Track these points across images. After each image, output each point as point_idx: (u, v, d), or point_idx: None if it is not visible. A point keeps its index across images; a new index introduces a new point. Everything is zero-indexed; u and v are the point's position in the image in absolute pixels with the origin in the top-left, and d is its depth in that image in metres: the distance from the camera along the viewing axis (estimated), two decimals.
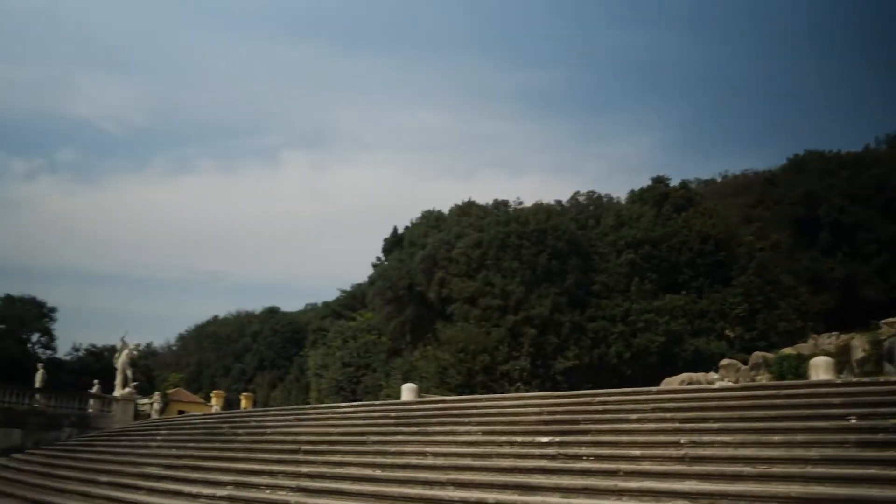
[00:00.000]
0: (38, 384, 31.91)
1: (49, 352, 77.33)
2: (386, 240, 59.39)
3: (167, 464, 12.72)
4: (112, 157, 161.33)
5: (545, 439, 9.48)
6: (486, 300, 37.81)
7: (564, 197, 51.81)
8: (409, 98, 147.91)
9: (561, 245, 38.58)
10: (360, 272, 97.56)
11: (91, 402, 29.01)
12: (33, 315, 77.94)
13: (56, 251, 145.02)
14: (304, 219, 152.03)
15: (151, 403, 38.90)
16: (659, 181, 49.82)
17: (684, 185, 52.41)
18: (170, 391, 59.52)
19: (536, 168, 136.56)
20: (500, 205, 49.85)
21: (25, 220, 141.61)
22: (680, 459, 8.63)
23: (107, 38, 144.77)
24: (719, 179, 76.87)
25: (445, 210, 53.58)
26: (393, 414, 13.32)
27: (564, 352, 34.84)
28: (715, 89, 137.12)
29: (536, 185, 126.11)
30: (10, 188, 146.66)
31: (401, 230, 58.10)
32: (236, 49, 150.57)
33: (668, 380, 24.74)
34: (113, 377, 32.26)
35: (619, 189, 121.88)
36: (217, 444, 13.67)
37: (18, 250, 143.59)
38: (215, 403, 42.96)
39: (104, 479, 12.37)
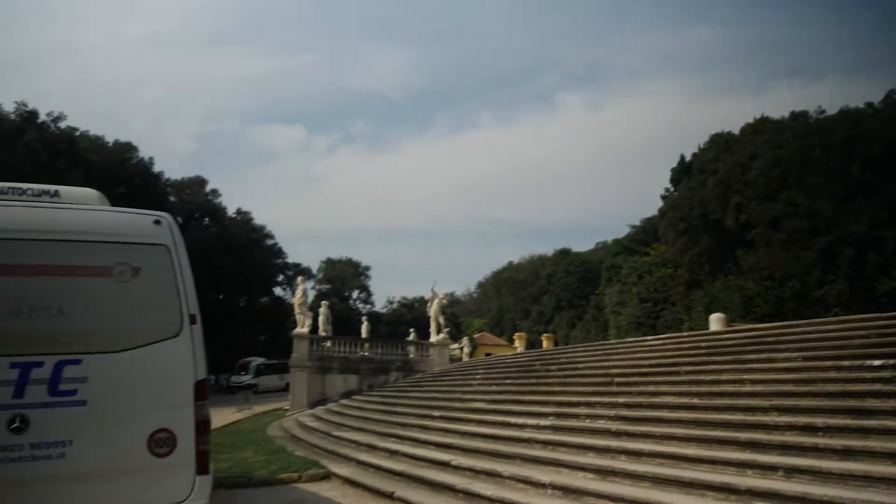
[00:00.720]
0: (364, 335, 35.77)
1: (368, 306, 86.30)
2: (673, 170, 57.31)
3: (490, 399, 13.72)
4: (398, 122, 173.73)
5: (877, 362, 8.73)
6: (791, 222, 35.12)
7: (876, 97, 45.86)
8: (680, 15, 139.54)
9: (875, 152, 34.41)
10: (649, 206, 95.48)
11: (411, 348, 31.92)
12: (351, 274, 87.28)
13: (362, 215, 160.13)
14: (586, 159, 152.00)
15: (461, 348, 41.70)
16: None
17: None
18: (476, 336, 63.49)
19: (836, 70, 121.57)
20: (798, 116, 45.63)
21: (332, 190, 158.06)
22: None
23: (380, 11, 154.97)
24: None
25: (735, 130, 50.44)
26: (703, 344, 13.04)
27: (889, 271, 31.34)
28: None
29: (839, 90, 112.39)
30: (316, 163, 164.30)
31: (688, 158, 55.68)
32: None
33: None
34: (423, 326, 35.09)
35: None
36: (532, 380, 14.41)
37: (331, 218, 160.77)
38: (518, 345, 44.96)
39: (437, 413, 13.67)
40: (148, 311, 5.55)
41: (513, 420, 11.02)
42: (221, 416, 24.74)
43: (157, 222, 5.79)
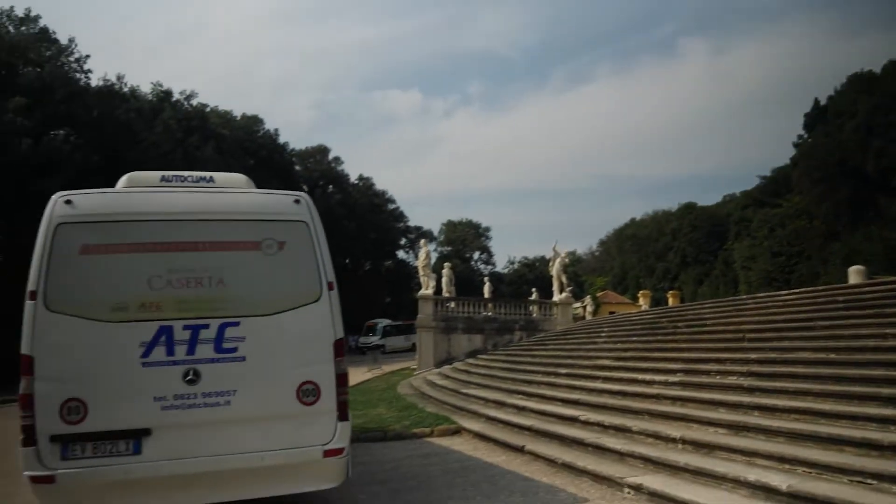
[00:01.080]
0: (486, 295, 36.17)
1: (489, 266, 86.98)
2: (807, 115, 54.17)
3: (615, 356, 13.69)
4: (515, 81, 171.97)
5: None
6: None
7: None
8: None
9: None
10: (780, 155, 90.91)
11: (534, 308, 32.04)
12: (472, 236, 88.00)
13: (480, 176, 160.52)
14: (710, 108, 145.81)
15: (584, 306, 41.44)
16: None
17: None
18: (598, 294, 62.88)
19: None
20: None
21: (450, 153, 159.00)
22: None
23: None
24: None
25: (877, 69, 47.02)
26: (841, 298, 12.48)
27: None
28: None
29: None
30: (433, 127, 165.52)
31: (823, 101, 52.47)
32: None
33: None
34: (544, 286, 35.05)
35: None
36: (659, 337, 14.26)
37: (449, 180, 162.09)
38: (643, 303, 44.21)
39: (563, 371, 13.80)
40: (292, 279, 6.35)
41: (640, 377, 11.00)
42: (353, 376, 25.62)
43: (297, 201, 6.59)
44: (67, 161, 37.16)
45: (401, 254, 78.33)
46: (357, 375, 26.09)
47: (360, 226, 65.28)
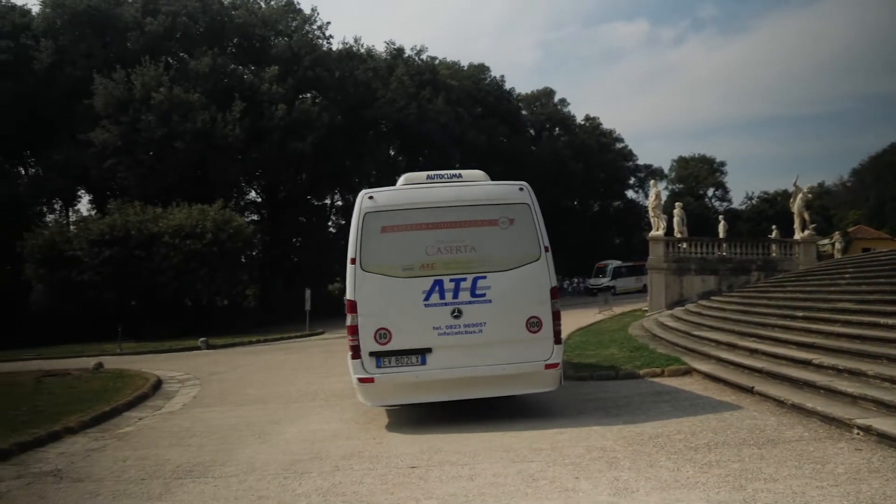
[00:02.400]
0: (721, 235, 35.05)
1: (724, 203, 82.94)
2: None
3: (858, 299, 13.14)
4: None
5: None
6: None
7: None
8: None
9: None
10: None
11: (773, 247, 30.65)
12: (705, 171, 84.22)
13: (714, 105, 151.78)
14: None
15: (832, 243, 38.70)
16: None
17: None
18: (850, 229, 58.02)
19: None
20: None
21: (681, 83, 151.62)
22: None
23: None
24: None
25: None
26: None
27: None
28: None
29: None
30: (662, 56, 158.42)
31: None
32: None
33: None
34: (786, 222, 33.22)
35: None
36: None
37: (681, 112, 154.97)
38: None
39: (799, 314, 13.52)
40: (520, 245, 9.11)
41: (883, 321, 10.62)
42: (583, 317, 26.59)
43: (521, 189, 9.36)
44: (316, 122, 40.88)
45: (630, 193, 77.11)
46: (588, 317, 26.84)
47: (587, 167, 65.05)
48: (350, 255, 8.94)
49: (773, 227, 42.83)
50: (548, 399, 10.11)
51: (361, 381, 8.81)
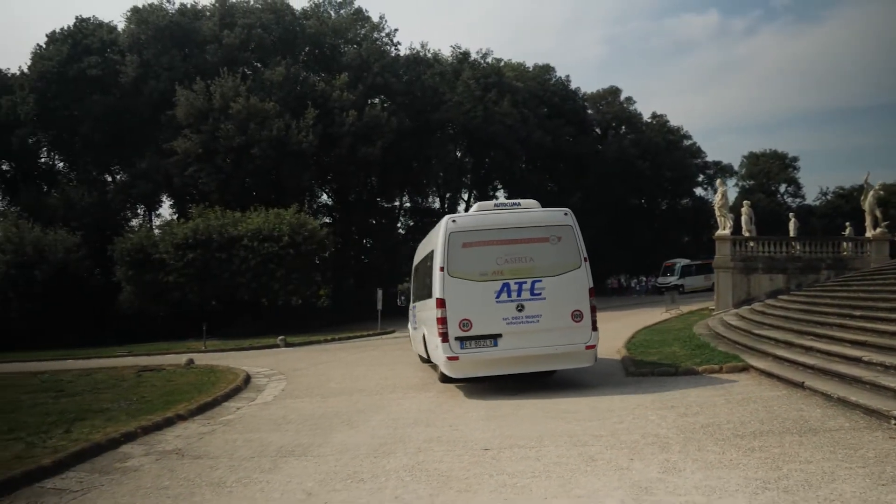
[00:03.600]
0: (791, 233, 34.81)
1: (797, 200, 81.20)
2: None
3: None
4: None
5: None
6: None
7: None
8: None
9: None
10: None
11: (844, 245, 30.43)
12: (777, 167, 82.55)
13: (789, 97, 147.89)
14: None
15: None
16: None
17: None
18: None
19: None
20: None
21: (754, 75, 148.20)
22: None
23: None
24: None
25: None
26: None
27: None
28: None
29: None
30: (733, 48, 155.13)
31: None
32: None
33: None
34: (861, 218, 32.83)
35: None
36: None
37: (753, 104, 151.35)
38: None
39: (857, 313, 13.88)
40: (565, 257, 11.88)
41: None
42: (649, 317, 27.06)
43: (566, 214, 12.26)
44: (385, 127, 42.17)
45: (699, 191, 76.14)
46: (654, 316, 27.29)
47: (654, 165, 64.70)
48: (439, 264, 11.78)
49: (847, 224, 42.09)
50: (610, 393, 11.07)
51: (449, 358, 11.52)
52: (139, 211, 48.83)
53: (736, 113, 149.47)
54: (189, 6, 46.89)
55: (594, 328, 11.67)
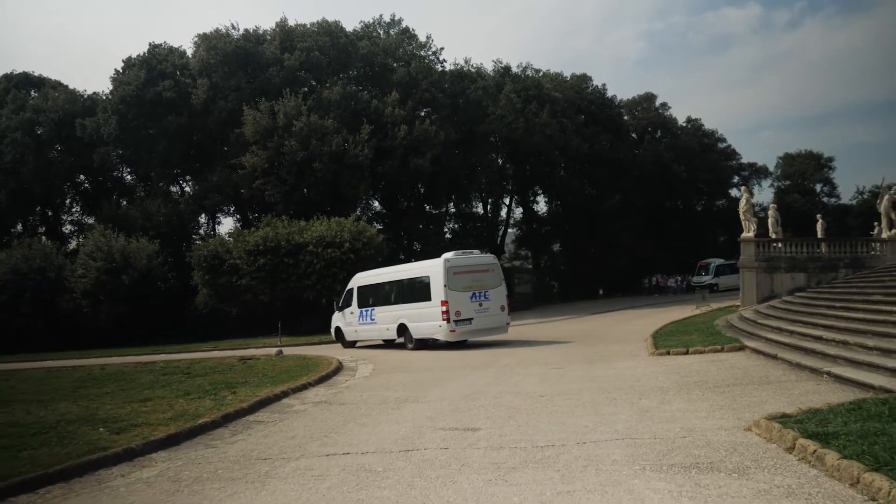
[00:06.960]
0: (819, 234, 37.33)
1: (833, 199, 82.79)
2: None
3: (886, 293, 16.57)
4: None
5: None
6: None
7: None
8: None
9: None
10: None
11: (860, 245, 33.01)
12: (812, 167, 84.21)
13: (834, 91, 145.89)
14: None
15: None
16: None
17: None
18: None
19: None
20: None
21: (797, 69, 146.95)
22: None
23: None
24: None
25: None
26: None
27: None
28: None
29: None
30: (775, 42, 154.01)
31: None
32: None
33: None
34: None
35: None
36: None
37: (795, 98, 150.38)
38: None
39: (838, 304, 17.05)
40: (497, 279, 23.46)
41: (885, 308, 14.19)
42: (680, 313, 30.23)
43: (496, 258, 26.21)
44: (433, 139, 45.79)
45: (734, 192, 78.21)
46: (684, 312, 30.46)
47: (689, 168, 67.20)
48: (442, 283, 22.07)
49: (876, 223, 44.20)
50: (633, 365, 14.57)
51: (451, 331, 21.92)
52: (201, 220, 53.29)
53: (776, 107, 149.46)
54: (252, 31, 51.05)
55: (508, 314, 23.70)
